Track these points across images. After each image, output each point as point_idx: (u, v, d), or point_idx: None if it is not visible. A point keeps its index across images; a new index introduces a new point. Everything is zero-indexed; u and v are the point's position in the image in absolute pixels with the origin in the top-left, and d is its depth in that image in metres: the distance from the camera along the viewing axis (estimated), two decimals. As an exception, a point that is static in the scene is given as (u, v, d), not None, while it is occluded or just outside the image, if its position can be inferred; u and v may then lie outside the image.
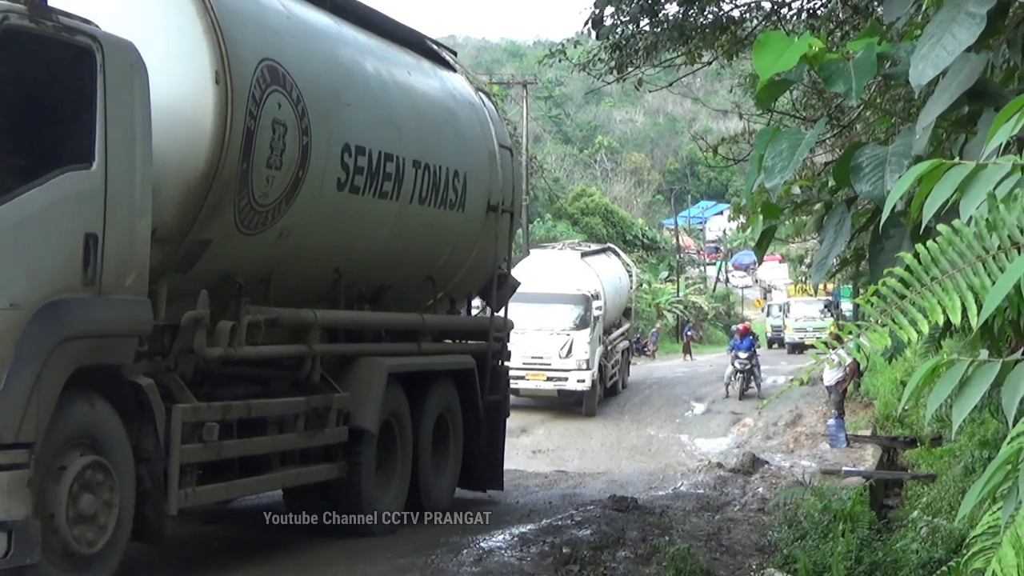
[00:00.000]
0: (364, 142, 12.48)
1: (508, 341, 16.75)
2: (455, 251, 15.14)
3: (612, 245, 42.74)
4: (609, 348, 35.58)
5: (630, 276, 40.76)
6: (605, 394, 35.24)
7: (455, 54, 16.78)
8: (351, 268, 12.98)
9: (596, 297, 33.02)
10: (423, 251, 14.47)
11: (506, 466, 23.15)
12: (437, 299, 15.21)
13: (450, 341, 16.11)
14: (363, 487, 12.82)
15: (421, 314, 14.54)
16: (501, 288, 16.32)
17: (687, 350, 57.77)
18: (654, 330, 60.71)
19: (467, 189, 14.89)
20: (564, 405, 32.45)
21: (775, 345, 60.87)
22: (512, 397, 31.15)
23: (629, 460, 25.89)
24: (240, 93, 10.31)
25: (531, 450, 27.27)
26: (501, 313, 16.49)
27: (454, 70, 16.27)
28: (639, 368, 47.55)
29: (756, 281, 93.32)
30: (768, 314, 66.95)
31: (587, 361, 31.78)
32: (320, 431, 12.22)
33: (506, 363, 16.68)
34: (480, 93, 16.52)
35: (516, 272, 34.06)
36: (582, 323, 32.19)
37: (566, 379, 31.70)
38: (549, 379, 31.71)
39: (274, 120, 10.81)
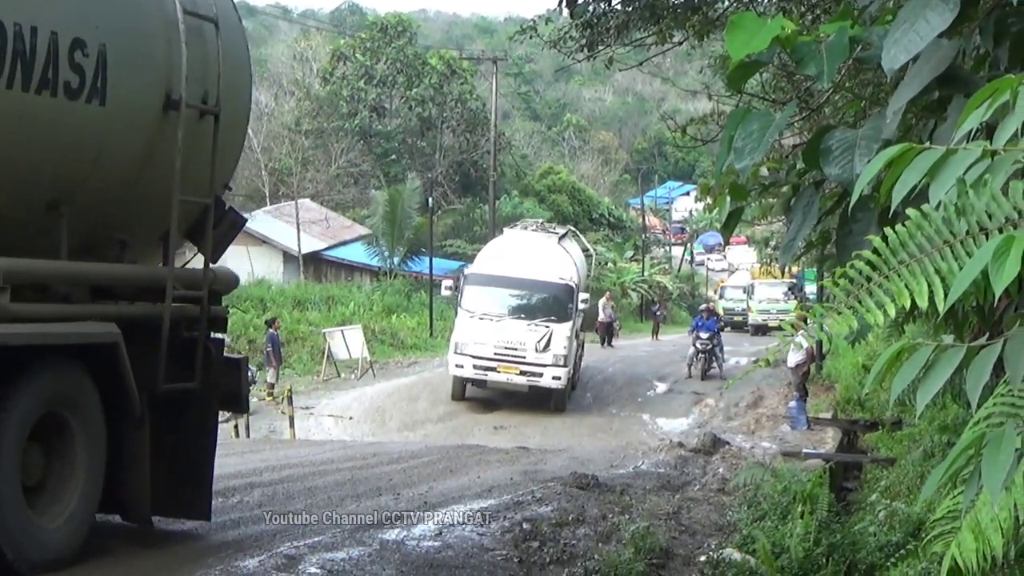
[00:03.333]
0: None
1: (219, 303, 11.20)
2: (100, 167, 9.64)
3: (572, 227, 41.31)
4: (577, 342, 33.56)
5: (589, 260, 38.72)
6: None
7: None
8: None
9: (579, 288, 31.02)
10: (22, 162, 9.03)
11: (469, 441, 23.23)
12: (99, 242, 10.10)
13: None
14: None
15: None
16: (203, 225, 10.74)
17: (656, 330, 57.44)
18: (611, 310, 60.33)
19: (108, 70, 9.27)
20: (532, 397, 30.32)
21: (727, 328, 60.71)
22: (472, 386, 30.83)
23: (591, 438, 25.99)
24: None
25: (493, 426, 27.42)
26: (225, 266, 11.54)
27: None
28: (602, 347, 47.64)
29: (729, 264, 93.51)
30: (721, 296, 66.05)
31: (564, 357, 29.48)
32: None
33: (218, 335, 11.22)
34: None
35: (488, 252, 33.60)
36: (563, 315, 29.95)
37: (541, 375, 29.36)
38: (522, 373, 29.41)
39: None
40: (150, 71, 9.86)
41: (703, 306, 43.35)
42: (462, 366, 29.74)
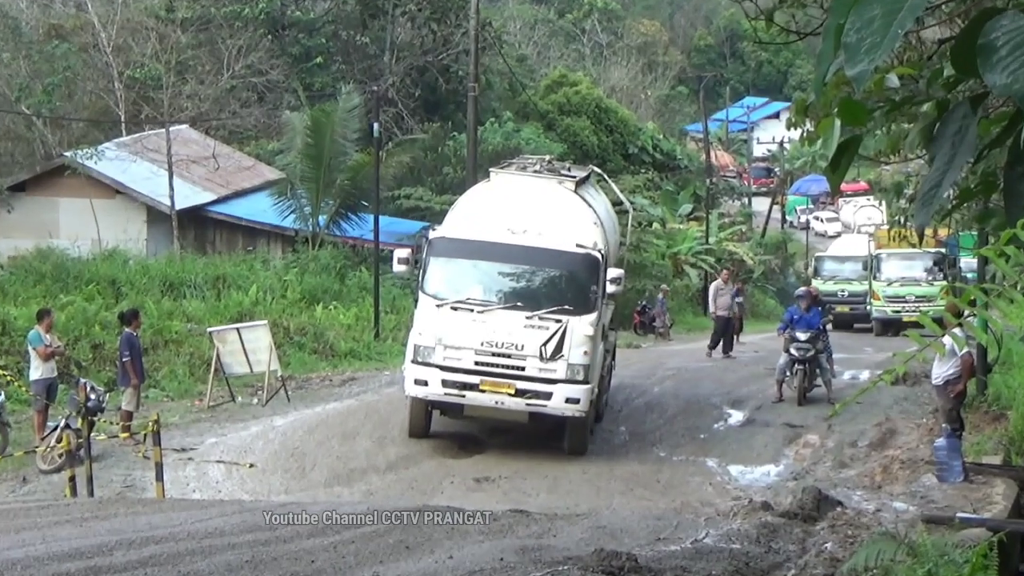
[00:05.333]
0: None
1: None
2: None
3: (596, 168, 40.01)
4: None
5: (623, 218, 38.27)
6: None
7: None
8: None
9: (607, 261, 30.03)
10: None
11: (436, 500, 23.28)
12: None
13: None
14: None
15: None
16: None
17: (738, 328, 56.80)
18: (660, 296, 59.62)
19: None
20: (535, 431, 29.84)
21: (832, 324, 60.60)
22: (441, 415, 30.01)
23: (625, 496, 26.04)
24: None
25: (473, 477, 27.39)
26: None
27: None
28: (646, 352, 47.71)
29: (843, 224, 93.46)
30: (816, 273, 66.30)
31: (585, 369, 28.66)
32: None
33: None
34: None
35: (467, 206, 32.67)
36: (583, 304, 29.06)
37: (548, 395, 28.55)
38: (519, 393, 28.61)
39: None
40: None
41: (800, 290, 43.11)
42: (425, 382, 29.04)
